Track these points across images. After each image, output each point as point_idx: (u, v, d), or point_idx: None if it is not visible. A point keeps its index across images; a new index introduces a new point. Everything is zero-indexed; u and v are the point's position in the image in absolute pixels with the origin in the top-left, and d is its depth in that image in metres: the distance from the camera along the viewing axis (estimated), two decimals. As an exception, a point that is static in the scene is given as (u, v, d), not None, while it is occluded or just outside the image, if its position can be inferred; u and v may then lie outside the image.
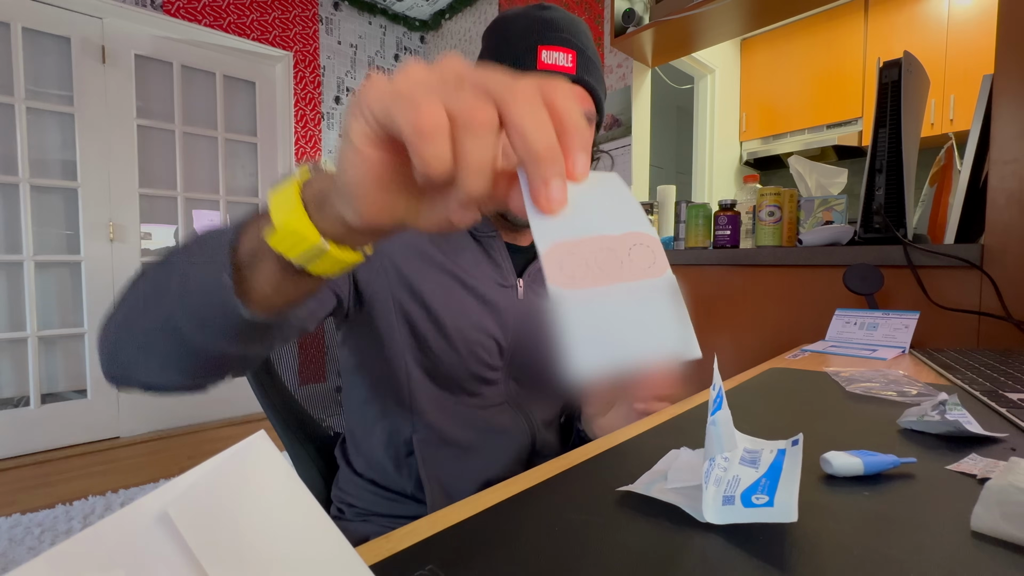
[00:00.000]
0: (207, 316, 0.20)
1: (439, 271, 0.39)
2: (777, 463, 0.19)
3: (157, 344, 0.22)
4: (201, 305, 0.20)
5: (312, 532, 0.12)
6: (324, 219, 0.18)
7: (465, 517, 0.19)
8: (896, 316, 0.59)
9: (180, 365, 0.23)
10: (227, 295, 0.19)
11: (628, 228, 0.16)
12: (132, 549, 0.10)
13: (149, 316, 0.22)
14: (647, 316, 0.15)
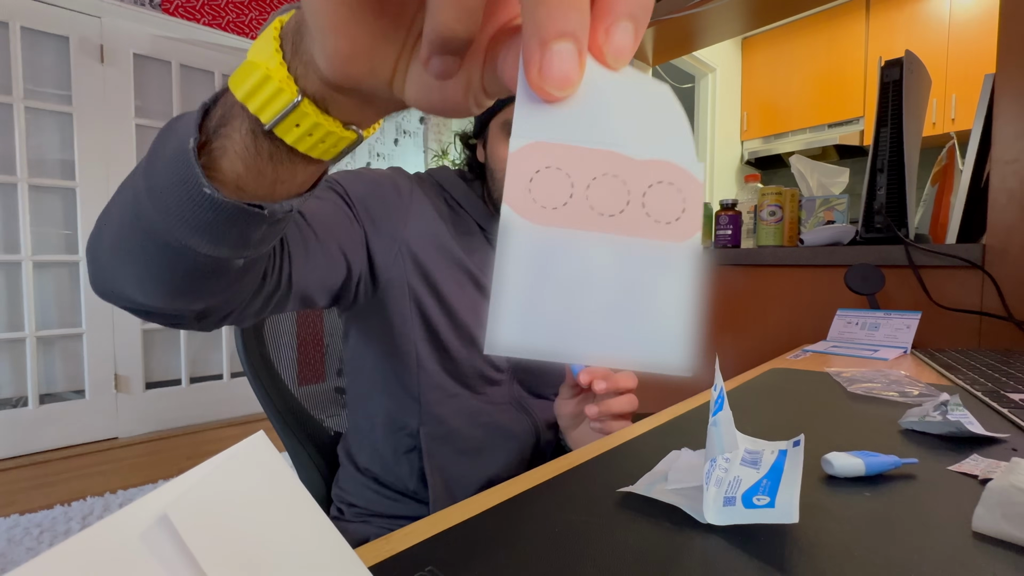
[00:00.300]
0: (169, 195, 0.17)
1: (455, 265, 0.39)
2: (778, 464, 0.19)
3: (129, 245, 0.20)
4: (165, 182, 0.17)
5: (311, 534, 0.12)
6: (300, 65, 0.14)
7: (465, 518, 0.19)
8: (898, 316, 0.59)
9: (151, 270, 0.20)
10: (189, 161, 0.16)
11: (658, 154, 0.10)
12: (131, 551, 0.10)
13: (122, 213, 0.20)
14: (635, 298, 0.10)
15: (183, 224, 0.17)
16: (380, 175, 0.39)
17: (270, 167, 0.16)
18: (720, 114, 2.12)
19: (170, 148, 0.17)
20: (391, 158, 2.27)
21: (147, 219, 0.18)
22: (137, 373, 1.62)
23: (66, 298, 1.52)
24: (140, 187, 0.18)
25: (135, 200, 0.19)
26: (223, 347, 1.83)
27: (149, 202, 0.18)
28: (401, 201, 0.38)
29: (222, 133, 0.16)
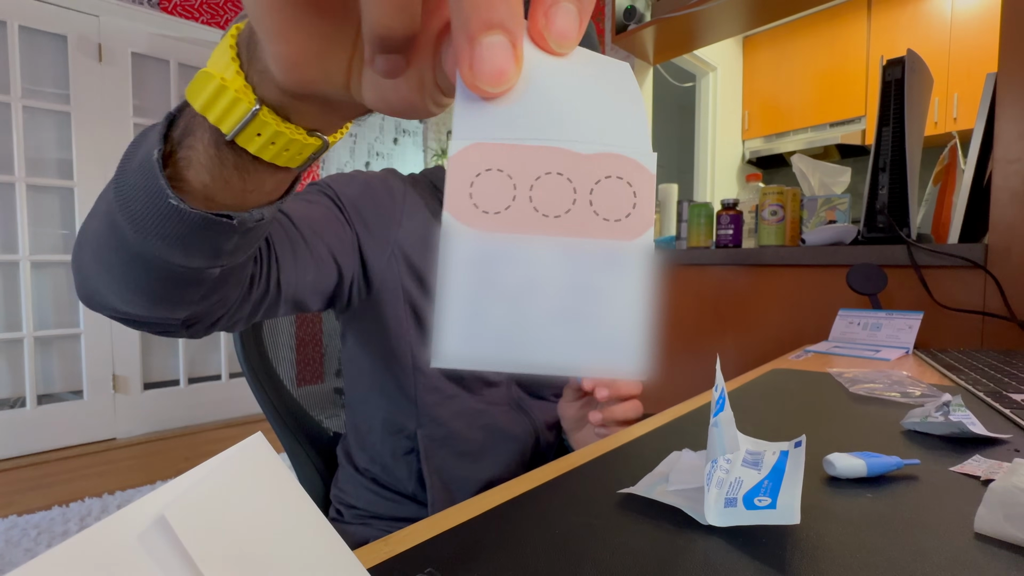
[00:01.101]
0: (138, 206, 0.17)
1: None
2: (780, 465, 0.19)
3: (107, 255, 0.20)
4: (133, 193, 0.17)
5: (310, 535, 0.12)
6: (255, 73, 0.14)
7: (465, 519, 0.18)
8: (900, 316, 0.59)
9: (130, 279, 0.20)
10: (154, 173, 0.16)
11: (608, 145, 0.09)
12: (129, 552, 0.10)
13: (99, 221, 0.20)
14: (585, 302, 0.09)
15: (154, 235, 0.17)
16: (373, 177, 0.39)
17: (236, 176, 0.16)
18: (721, 113, 2.12)
19: (137, 159, 0.17)
20: (391, 158, 2.26)
21: (120, 230, 0.18)
22: (135, 374, 1.62)
23: (64, 298, 1.52)
24: (112, 198, 0.18)
25: (108, 211, 0.19)
26: (221, 348, 1.83)
27: (121, 213, 0.18)
28: (394, 203, 0.38)
29: (186, 144, 0.16)
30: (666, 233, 1.29)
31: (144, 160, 0.16)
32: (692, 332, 0.92)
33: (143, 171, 0.17)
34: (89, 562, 0.09)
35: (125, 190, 0.17)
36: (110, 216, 0.19)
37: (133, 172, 0.17)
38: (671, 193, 1.31)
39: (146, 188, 0.17)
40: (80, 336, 1.53)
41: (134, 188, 0.17)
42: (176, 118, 0.17)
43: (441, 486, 0.37)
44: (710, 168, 2.11)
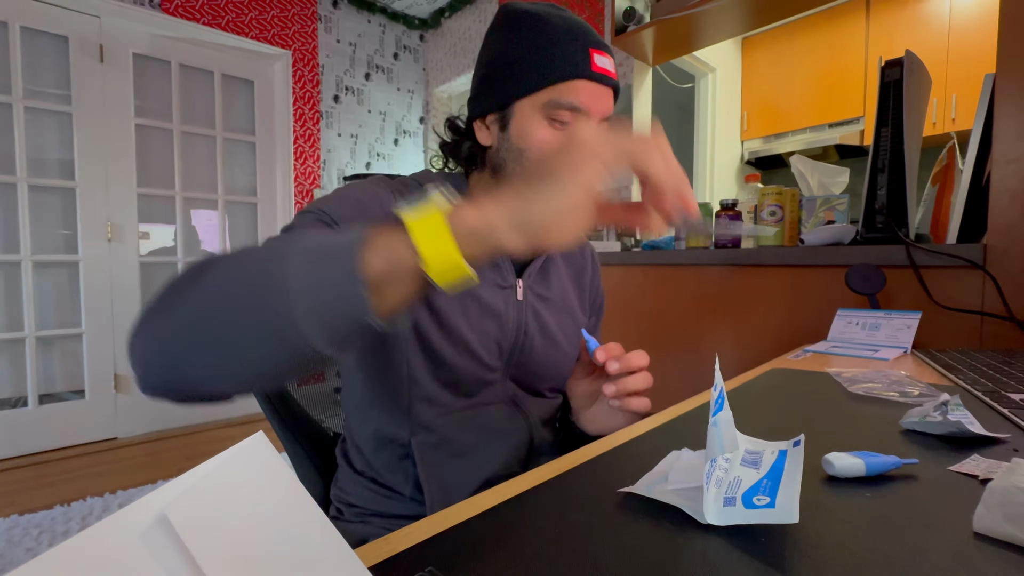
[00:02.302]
0: (327, 312, 0.19)
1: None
2: (778, 464, 0.19)
3: (228, 330, 0.20)
4: (325, 314, 0.19)
5: (311, 533, 0.12)
6: (474, 248, 0.20)
7: (465, 518, 0.19)
8: (898, 316, 0.59)
9: (257, 360, 0.20)
10: (362, 307, 0.19)
11: None
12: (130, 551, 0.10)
13: (229, 299, 0.20)
14: None
15: (325, 335, 0.19)
16: (363, 194, 0.37)
17: (415, 295, 0.21)
18: (720, 114, 2.12)
19: (333, 279, 0.19)
20: (391, 158, 2.26)
21: (278, 315, 0.19)
22: (137, 373, 1.62)
23: (65, 298, 1.52)
24: (285, 288, 0.19)
25: (263, 293, 0.20)
26: (223, 347, 1.82)
27: (299, 307, 0.19)
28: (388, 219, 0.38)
29: (389, 282, 0.20)
30: (665, 233, 1.29)
31: (347, 290, 0.19)
32: (691, 332, 0.92)
33: (346, 296, 0.19)
34: (90, 561, 0.09)
35: (313, 295, 0.19)
36: (265, 299, 0.20)
37: (330, 288, 0.19)
38: (671, 193, 1.31)
39: (345, 307, 0.19)
40: (82, 336, 1.53)
41: (328, 300, 0.19)
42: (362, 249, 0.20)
43: (439, 489, 0.37)
44: (709, 169, 2.11)
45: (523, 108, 0.39)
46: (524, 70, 0.38)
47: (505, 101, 0.39)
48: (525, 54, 0.38)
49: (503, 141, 0.40)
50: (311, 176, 2.00)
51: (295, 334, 0.19)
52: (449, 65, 2.23)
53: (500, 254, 0.20)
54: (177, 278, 0.22)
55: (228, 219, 1.83)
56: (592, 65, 0.37)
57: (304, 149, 1.97)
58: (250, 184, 1.89)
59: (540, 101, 0.38)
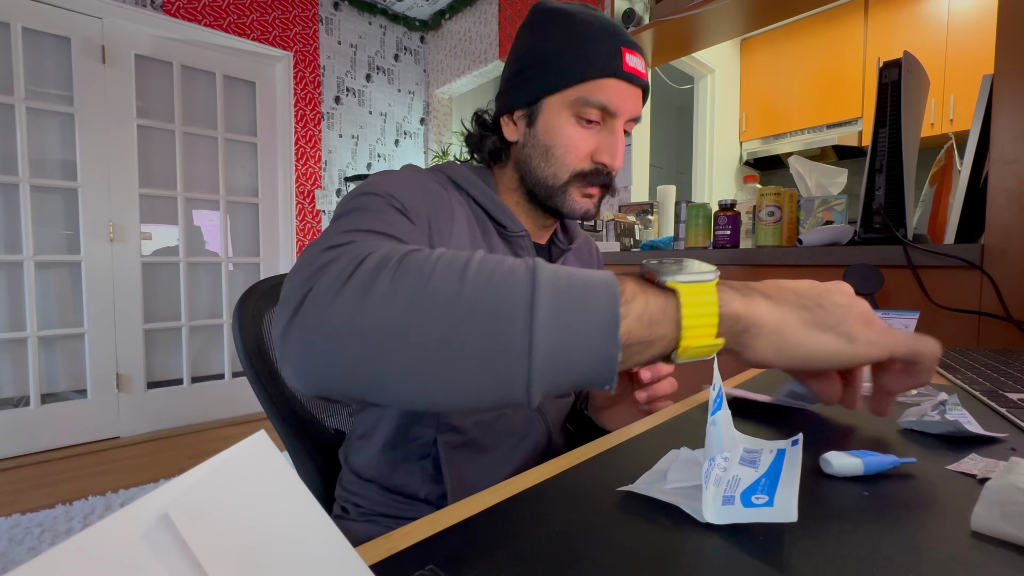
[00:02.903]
0: (561, 384, 0.18)
1: None
2: (777, 463, 0.19)
3: (452, 379, 0.18)
4: (562, 374, 0.18)
5: (312, 532, 0.12)
6: (726, 335, 0.19)
7: (465, 517, 0.19)
8: (896, 316, 0.59)
9: (458, 401, 0.19)
10: (606, 376, 0.18)
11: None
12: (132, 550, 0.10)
13: (454, 349, 0.18)
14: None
15: (549, 388, 0.18)
16: (419, 184, 0.35)
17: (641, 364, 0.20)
18: (719, 115, 2.12)
19: (586, 336, 0.18)
20: (391, 159, 2.27)
21: (507, 363, 0.18)
22: (139, 373, 1.62)
23: (68, 298, 1.53)
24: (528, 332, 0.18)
25: (496, 326, 0.18)
26: (224, 347, 1.83)
27: (538, 358, 0.18)
28: (442, 209, 0.36)
29: (635, 351, 0.19)
30: (664, 234, 1.30)
31: (600, 357, 0.18)
32: (692, 333, 0.92)
33: (592, 362, 0.18)
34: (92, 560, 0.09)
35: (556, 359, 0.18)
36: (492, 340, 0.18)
37: (578, 347, 0.18)
38: (669, 194, 1.32)
39: (586, 373, 0.18)
40: (84, 336, 1.53)
41: (569, 365, 0.18)
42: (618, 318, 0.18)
43: (461, 488, 0.37)
44: (708, 169, 2.12)
45: (552, 105, 0.38)
46: (554, 67, 0.37)
47: (534, 97, 0.39)
48: (556, 51, 0.38)
49: (529, 137, 0.40)
50: (312, 177, 2.00)
51: (519, 386, 0.18)
52: (450, 66, 2.23)
53: (742, 353, 0.20)
54: (372, 265, 0.20)
55: (230, 219, 1.84)
56: (624, 64, 0.37)
57: (305, 150, 1.97)
58: (251, 185, 1.89)
59: (569, 98, 0.37)
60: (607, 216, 1.28)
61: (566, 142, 0.38)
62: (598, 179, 0.39)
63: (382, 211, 0.31)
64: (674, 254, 0.97)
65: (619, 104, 0.37)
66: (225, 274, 1.81)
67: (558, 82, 0.37)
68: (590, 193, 0.40)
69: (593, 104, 0.37)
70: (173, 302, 1.71)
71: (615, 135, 0.38)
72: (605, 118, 0.38)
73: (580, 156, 0.38)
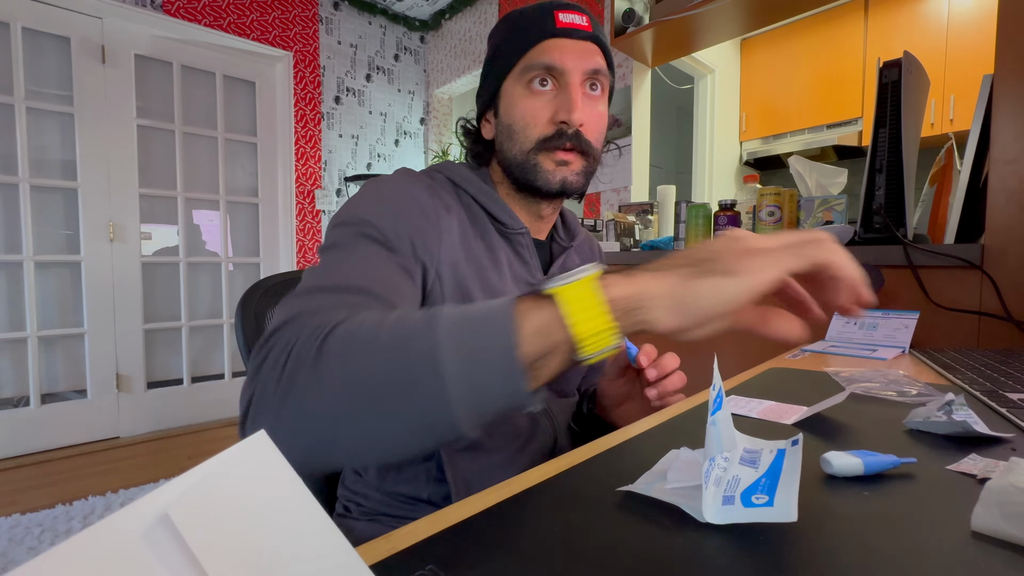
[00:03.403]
0: (486, 415, 0.20)
1: (486, 280, 0.38)
2: (777, 463, 0.19)
3: (393, 435, 0.20)
4: (484, 407, 0.20)
5: (313, 532, 0.12)
6: (623, 321, 0.20)
7: (465, 517, 0.19)
8: (896, 316, 0.59)
9: (407, 450, 0.21)
10: (522, 398, 0.20)
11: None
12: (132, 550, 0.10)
13: (388, 413, 0.20)
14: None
15: (477, 421, 0.20)
16: (404, 199, 0.35)
17: (556, 372, 0.21)
18: (719, 115, 2.12)
19: (491, 372, 0.19)
20: (391, 159, 2.27)
21: (433, 411, 0.19)
22: (139, 373, 1.62)
23: (68, 298, 1.53)
24: (442, 386, 0.19)
25: (415, 386, 0.19)
26: (224, 347, 1.83)
27: (456, 404, 0.19)
28: (428, 223, 0.35)
29: (541, 364, 0.20)
30: (664, 234, 1.30)
31: (510, 387, 0.19)
32: (692, 333, 0.92)
33: (505, 392, 0.19)
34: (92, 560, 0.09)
35: (477, 392, 0.19)
36: (414, 397, 0.20)
37: (487, 386, 0.19)
38: (669, 194, 1.32)
39: (504, 402, 0.20)
40: (84, 335, 1.53)
41: (486, 400, 0.20)
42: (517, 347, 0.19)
43: (466, 491, 0.36)
44: (708, 169, 2.12)
45: (507, 88, 0.40)
46: (501, 54, 0.39)
47: (494, 90, 0.41)
48: (501, 42, 0.40)
49: (499, 126, 0.41)
50: (312, 177, 2.00)
51: (449, 426, 0.20)
52: (449, 66, 2.23)
53: (646, 329, 0.20)
54: (292, 360, 0.21)
55: (230, 219, 1.84)
56: (556, 22, 0.37)
57: (305, 150, 1.97)
58: (251, 185, 1.89)
59: (517, 73, 0.39)
60: (607, 216, 1.28)
61: (523, 112, 0.38)
62: (564, 141, 0.38)
63: (355, 247, 0.31)
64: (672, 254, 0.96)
65: (562, 59, 0.37)
66: (225, 274, 1.81)
67: (506, 65, 0.39)
68: (563, 160, 0.38)
69: (536, 67, 0.37)
70: (173, 302, 1.71)
71: (569, 90, 0.37)
72: (557, 79, 0.38)
73: (541, 123, 0.38)
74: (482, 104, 0.43)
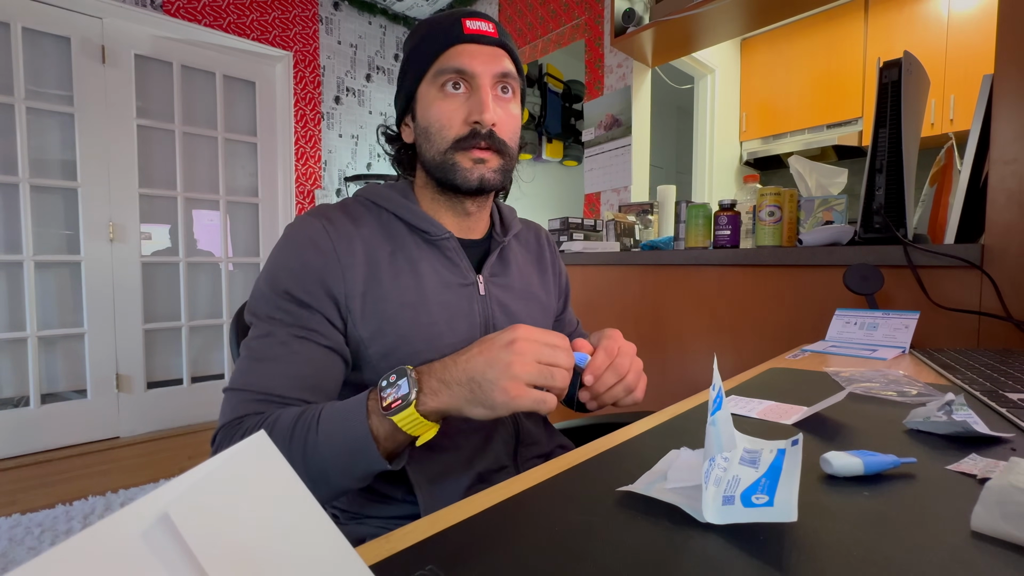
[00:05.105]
0: (359, 475, 0.31)
1: (412, 306, 0.39)
2: (777, 463, 0.19)
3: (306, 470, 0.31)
4: (355, 471, 0.31)
5: (312, 532, 0.12)
6: (443, 415, 0.31)
7: (465, 517, 0.19)
8: (896, 316, 0.59)
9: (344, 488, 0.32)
10: (378, 465, 0.31)
11: None
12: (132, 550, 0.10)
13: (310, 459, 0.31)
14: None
15: (366, 480, 0.32)
16: (303, 248, 0.38)
17: (401, 445, 0.32)
18: (719, 115, 2.12)
19: (367, 466, 0.31)
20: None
21: (341, 489, 0.32)
22: (139, 373, 1.62)
23: (68, 298, 1.53)
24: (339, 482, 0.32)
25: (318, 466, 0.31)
26: (224, 347, 1.83)
27: (351, 484, 0.32)
28: (328, 263, 0.37)
29: (390, 443, 0.31)
30: (664, 234, 1.30)
31: (379, 467, 0.31)
32: (690, 332, 0.93)
33: (375, 469, 0.31)
34: (92, 560, 0.09)
35: (347, 473, 0.31)
36: (323, 477, 0.31)
37: (365, 472, 0.31)
38: (669, 194, 1.32)
39: (368, 468, 0.31)
40: (84, 336, 1.53)
41: (357, 471, 0.31)
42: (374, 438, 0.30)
43: (429, 489, 0.37)
44: (708, 169, 2.12)
45: (422, 92, 0.41)
46: (414, 61, 0.41)
47: (409, 94, 0.42)
48: (413, 48, 0.42)
49: (417, 130, 0.42)
50: (312, 177, 2.00)
51: (338, 485, 0.32)
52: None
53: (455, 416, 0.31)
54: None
55: (230, 219, 1.84)
56: (464, 29, 0.40)
57: (305, 150, 1.97)
58: (251, 185, 1.89)
59: (430, 78, 0.40)
60: (607, 216, 1.28)
61: (438, 114, 0.40)
62: (479, 140, 0.39)
63: (271, 325, 0.37)
64: (674, 255, 0.96)
65: (471, 63, 0.39)
66: (225, 274, 1.81)
67: (419, 70, 0.41)
68: (479, 158, 0.40)
69: (448, 71, 0.39)
70: (173, 302, 1.71)
71: (480, 92, 0.39)
72: (468, 82, 0.40)
73: (455, 124, 0.40)
74: (400, 109, 0.44)
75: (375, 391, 0.31)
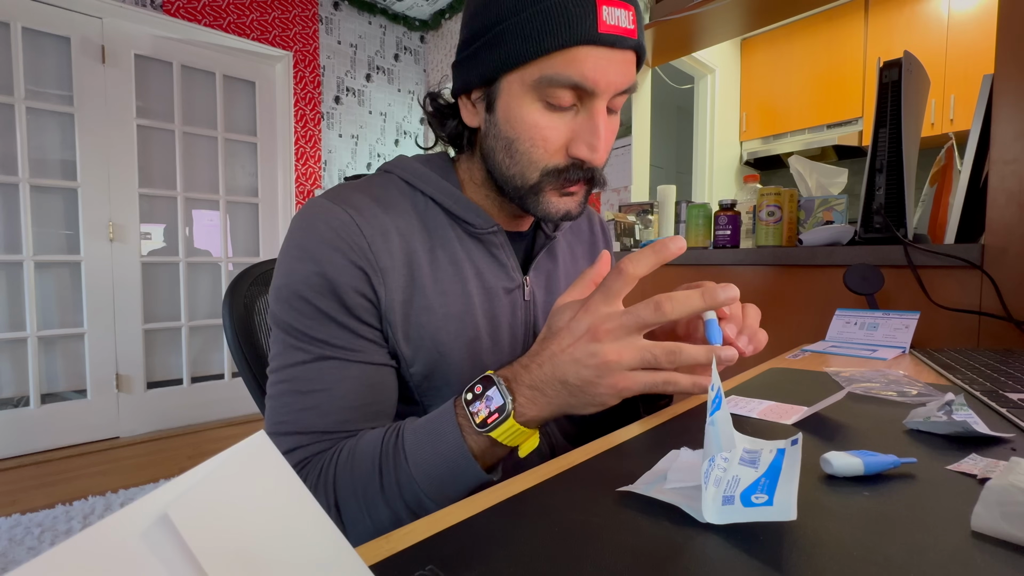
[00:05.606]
0: (455, 496, 0.27)
1: (457, 317, 0.34)
2: (776, 463, 0.19)
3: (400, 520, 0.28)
4: (453, 493, 0.28)
5: (312, 532, 0.12)
6: (541, 425, 0.28)
7: (465, 517, 0.19)
8: (896, 316, 0.59)
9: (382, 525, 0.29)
10: (480, 481, 0.28)
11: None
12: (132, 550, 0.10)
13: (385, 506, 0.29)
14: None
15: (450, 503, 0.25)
16: (328, 250, 0.30)
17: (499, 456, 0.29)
18: (719, 115, 2.12)
19: (461, 486, 0.28)
20: (391, 158, 2.27)
21: (422, 503, 0.28)
22: (138, 373, 1.62)
23: (67, 298, 1.53)
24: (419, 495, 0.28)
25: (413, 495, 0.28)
26: (224, 347, 1.83)
27: (431, 501, 0.28)
28: (362, 266, 0.31)
29: (489, 455, 0.28)
30: (664, 234, 1.30)
31: (467, 477, 0.28)
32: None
33: (467, 479, 0.28)
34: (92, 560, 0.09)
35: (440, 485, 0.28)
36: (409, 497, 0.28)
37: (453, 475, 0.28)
38: (669, 194, 1.32)
39: (465, 481, 0.28)
40: (84, 336, 1.53)
41: (451, 484, 0.28)
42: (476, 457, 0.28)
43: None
44: (708, 169, 2.12)
45: (511, 86, 0.30)
46: (510, 33, 0.28)
47: (489, 75, 0.30)
48: (510, 10, 0.29)
49: (490, 125, 0.32)
50: (312, 177, 2.00)
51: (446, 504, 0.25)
52: (449, 66, 2.23)
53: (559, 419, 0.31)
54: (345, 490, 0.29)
55: (229, 219, 1.84)
56: (600, 23, 0.27)
57: (305, 150, 1.97)
58: (251, 185, 1.89)
59: (531, 77, 0.29)
60: (607, 216, 1.28)
61: (532, 134, 0.30)
62: (577, 175, 0.31)
63: (307, 343, 0.31)
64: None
65: (597, 78, 0.28)
66: (225, 274, 1.81)
67: (515, 55, 0.29)
68: (570, 192, 0.32)
69: (561, 83, 0.28)
70: (173, 302, 1.71)
71: (594, 119, 0.29)
72: (581, 97, 0.29)
73: (551, 150, 0.30)
74: (467, 84, 0.32)
75: (460, 404, 0.27)
